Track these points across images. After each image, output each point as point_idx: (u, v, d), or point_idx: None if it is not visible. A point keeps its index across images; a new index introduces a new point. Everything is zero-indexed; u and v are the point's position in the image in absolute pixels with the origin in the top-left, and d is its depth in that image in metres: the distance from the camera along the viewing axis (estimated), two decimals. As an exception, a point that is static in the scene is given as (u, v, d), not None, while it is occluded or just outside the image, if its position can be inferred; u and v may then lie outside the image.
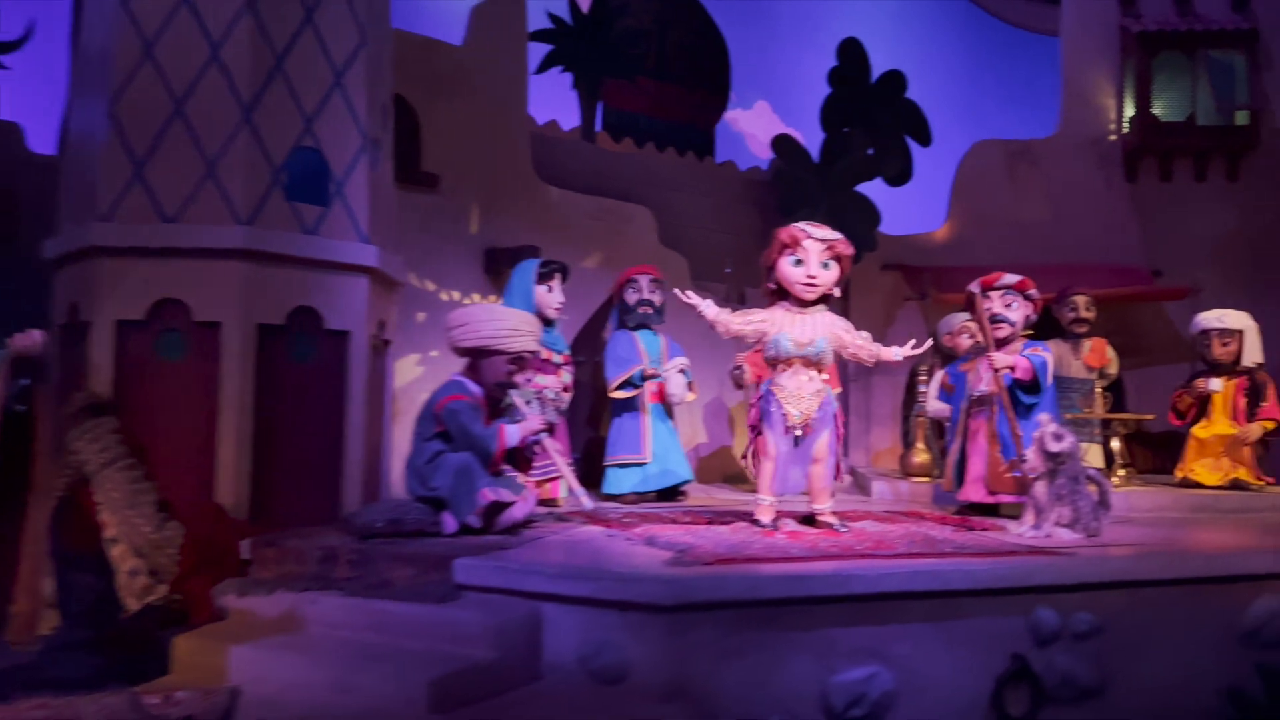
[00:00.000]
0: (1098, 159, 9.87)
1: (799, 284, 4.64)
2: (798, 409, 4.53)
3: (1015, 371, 5.45)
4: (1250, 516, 6.16)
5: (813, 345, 4.63)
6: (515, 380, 4.47)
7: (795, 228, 4.73)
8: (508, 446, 4.40)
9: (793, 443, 4.53)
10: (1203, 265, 9.61)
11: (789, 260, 4.64)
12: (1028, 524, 4.85)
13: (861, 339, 4.79)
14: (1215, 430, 7.07)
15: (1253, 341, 7.16)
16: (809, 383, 4.61)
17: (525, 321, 4.48)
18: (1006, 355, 5.51)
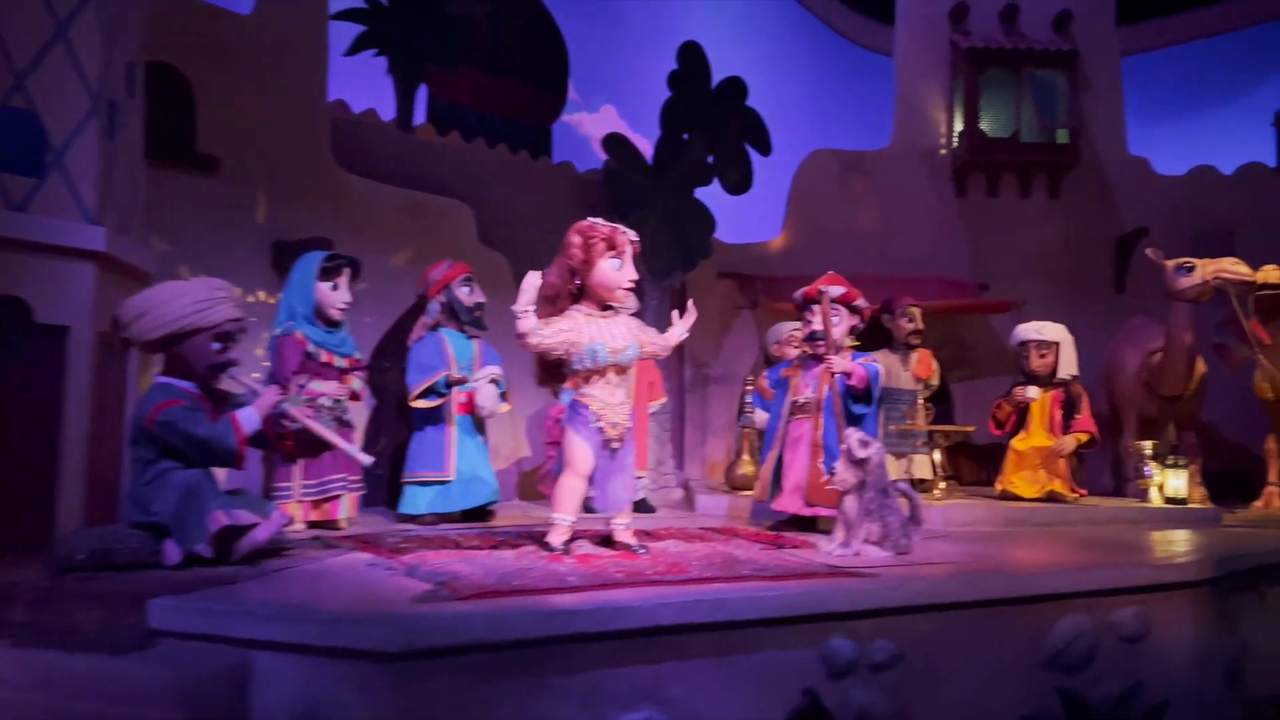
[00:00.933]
0: (929, 172, 9.94)
1: (620, 288, 4.26)
2: (614, 419, 4.14)
3: (851, 378, 5.25)
4: (1063, 530, 6.13)
5: (626, 351, 4.25)
6: (230, 357, 3.83)
7: (614, 227, 4.34)
8: (249, 433, 3.78)
9: (610, 457, 4.12)
10: (1027, 279, 9.80)
11: (609, 261, 4.23)
12: (836, 541, 4.57)
13: (654, 335, 4.44)
14: (1033, 442, 7.08)
15: (1069, 354, 7.21)
16: (619, 392, 4.23)
17: (216, 288, 3.82)
18: (844, 360, 5.30)
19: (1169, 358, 7.65)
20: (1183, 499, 6.94)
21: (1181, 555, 4.77)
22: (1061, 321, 7.33)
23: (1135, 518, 6.54)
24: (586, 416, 4.09)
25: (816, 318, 5.54)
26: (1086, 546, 5.24)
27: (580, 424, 4.09)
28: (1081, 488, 7.04)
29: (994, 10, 9.91)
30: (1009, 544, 5.25)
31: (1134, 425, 8.18)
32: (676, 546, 4.50)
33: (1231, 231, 9.90)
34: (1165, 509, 6.79)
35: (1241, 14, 19.23)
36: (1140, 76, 20.52)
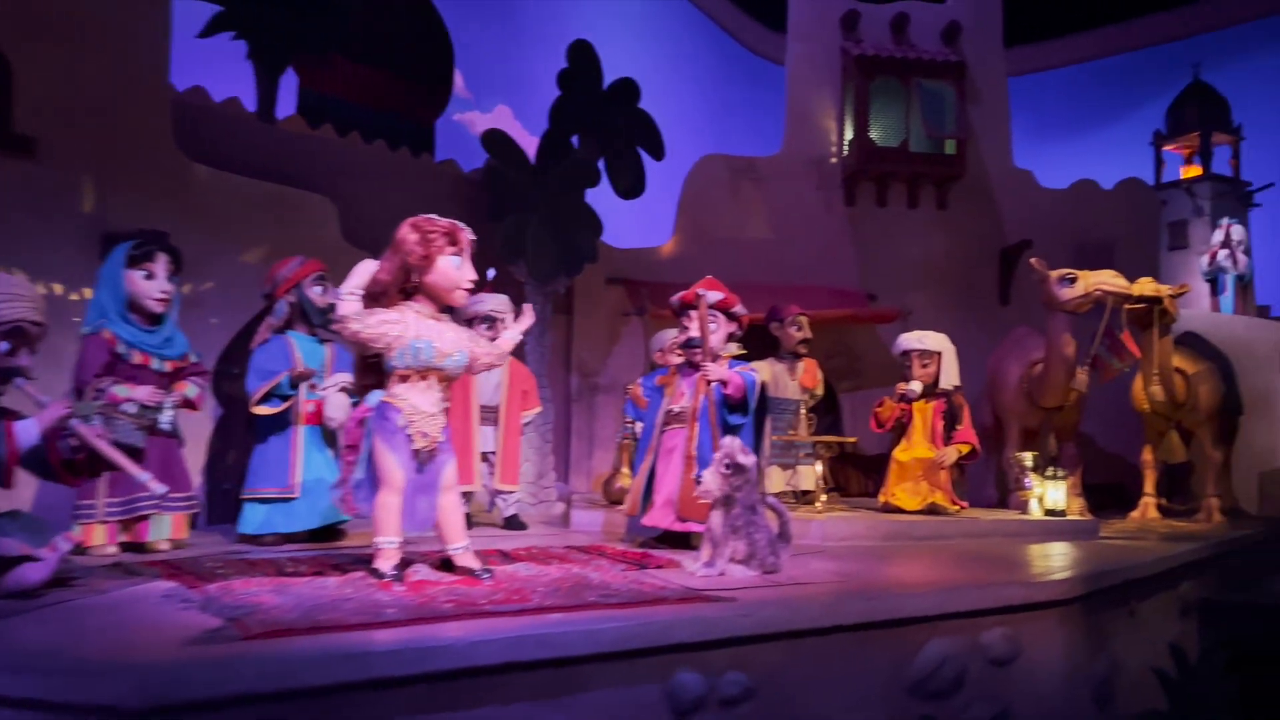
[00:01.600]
0: (819, 180, 9.84)
1: (459, 288, 3.88)
2: (426, 428, 3.73)
3: (728, 387, 4.98)
4: (941, 545, 5.99)
5: (455, 357, 3.86)
6: (18, 364, 3.34)
7: (454, 223, 3.96)
8: (23, 447, 3.27)
9: (418, 469, 3.73)
10: (914, 290, 9.78)
11: (449, 259, 3.85)
12: (701, 561, 4.29)
13: (487, 347, 4.08)
14: (914, 453, 6.96)
15: (950, 364, 7.12)
16: (439, 400, 3.84)
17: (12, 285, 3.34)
18: (721, 368, 5.03)
19: (1049, 368, 7.66)
20: (1061, 511, 6.91)
21: (1052, 572, 4.64)
22: (947, 332, 7.27)
23: (1015, 530, 6.46)
24: (393, 421, 3.70)
25: (694, 323, 5.28)
26: (960, 563, 5.09)
27: (387, 431, 3.69)
28: (963, 500, 6.95)
29: (884, 19, 9.90)
30: (883, 561, 5.06)
31: (1016, 436, 8.18)
32: (528, 570, 4.14)
33: (1111, 245, 10.10)
34: (1044, 521, 6.74)
35: (1124, 39, 19.98)
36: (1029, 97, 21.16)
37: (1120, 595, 4.96)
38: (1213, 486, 8.30)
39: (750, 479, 4.30)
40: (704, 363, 5.13)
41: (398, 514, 3.72)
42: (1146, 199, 10.70)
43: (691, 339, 5.25)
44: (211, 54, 8.40)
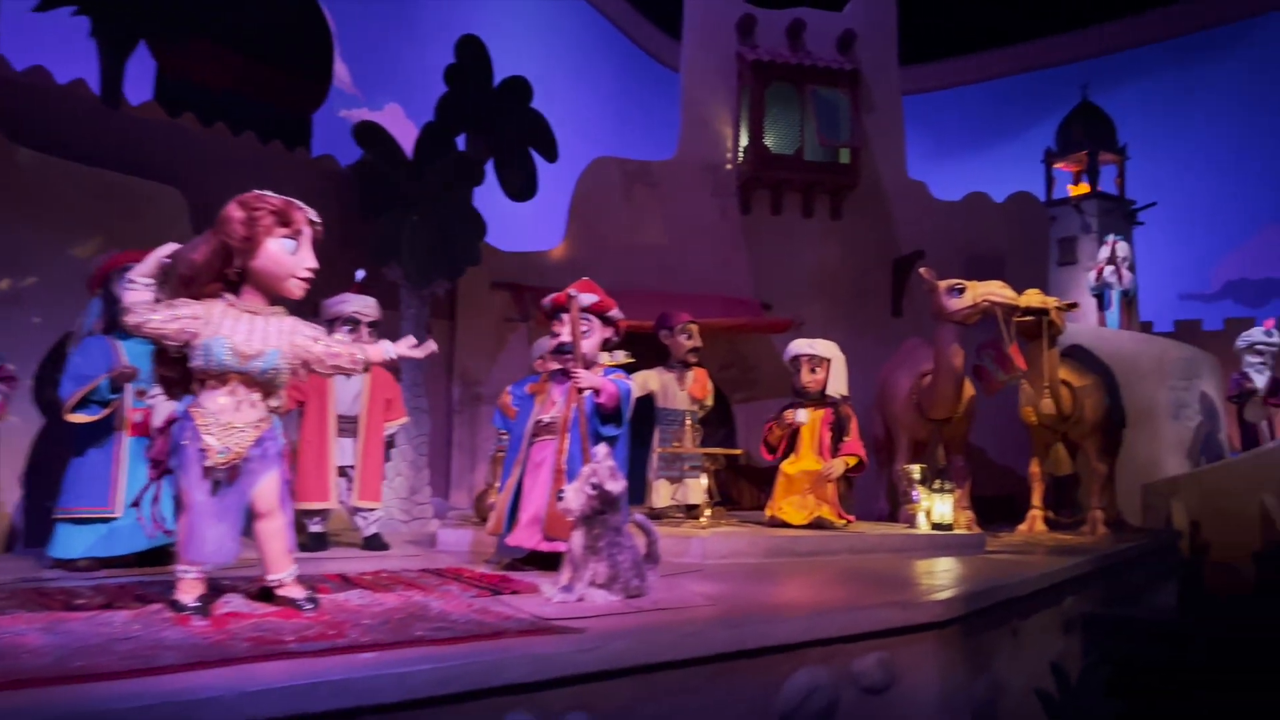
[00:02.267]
0: (714, 187, 9.63)
1: (293, 277, 3.41)
2: (223, 441, 3.26)
3: (600, 396, 4.61)
4: (825, 560, 5.77)
5: (261, 359, 3.38)
6: None
7: (290, 201, 3.48)
8: None
9: (211, 489, 3.24)
10: (808, 299, 9.64)
11: (280, 242, 3.38)
12: (559, 584, 3.93)
13: (335, 344, 3.62)
14: (802, 466, 6.75)
15: (839, 372, 6.94)
16: (248, 409, 3.36)
17: None
18: (593, 376, 4.66)
19: (937, 380, 7.56)
20: (948, 525, 6.78)
21: (933, 591, 4.42)
22: (840, 343, 7.10)
23: (900, 545, 6.28)
24: (186, 433, 3.25)
25: (565, 327, 4.91)
26: (840, 581, 4.85)
27: (179, 443, 3.24)
28: (850, 513, 6.77)
29: (780, 26, 9.77)
30: (760, 580, 4.78)
31: (906, 449, 8.07)
32: (361, 599, 3.71)
33: (1002, 258, 10.15)
34: (931, 535, 6.59)
35: (1018, 61, 20.55)
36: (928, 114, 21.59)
37: (1002, 614, 4.78)
38: (1097, 499, 8.33)
39: (618, 503, 3.97)
40: (575, 370, 4.78)
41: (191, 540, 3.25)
42: (1035, 212, 10.81)
43: (563, 344, 4.89)
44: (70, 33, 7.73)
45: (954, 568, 5.64)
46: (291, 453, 3.67)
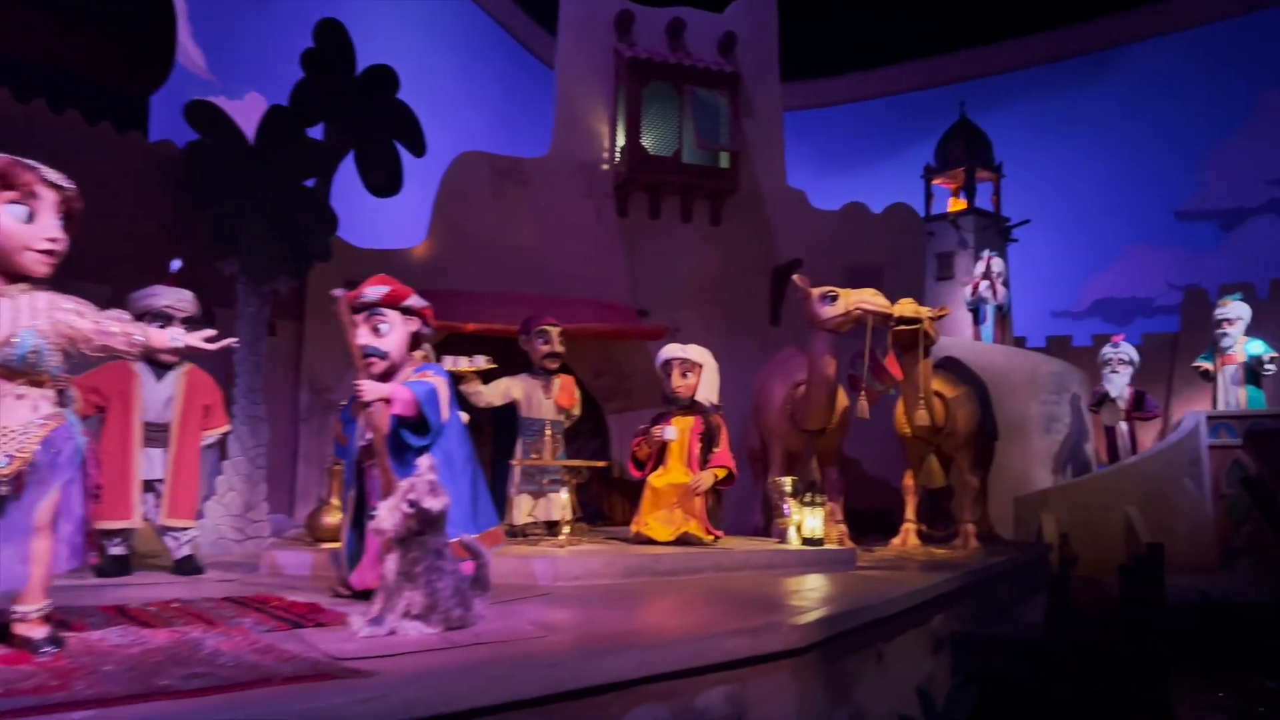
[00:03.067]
0: (589, 187, 9.24)
1: (28, 250, 2.89)
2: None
3: (392, 405, 4.06)
4: (686, 580, 5.41)
5: (13, 343, 2.84)
6: None
7: (20, 161, 2.94)
8: None
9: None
10: (686, 307, 9.34)
11: (7, 209, 2.84)
12: (368, 616, 3.43)
13: (110, 321, 3.07)
14: (670, 479, 6.40)
15: (711, 379, 6.63)
16: (19, 406, 2.81)
17: None
18: (378, 385, 4.10)
19: (810, 390, 7.33)
20: (819, 539, 6.52)
21: (791, 615, 4.09)
22: (718, 352, 6.80)
23: (767, 562, 5.98)
24: None
25: (360, 327, 4.35)
26: (693, 606, 4.49)
27: None
28: (719, 528, 6.44)
29: (660, 24, 9.47)
30: (610, 605, 4.37)
31: (780, 460, 7.81)
32: (121, 637, 3.14)
33: (880, 268, 10.07)
34: (800, 551, 6.32)
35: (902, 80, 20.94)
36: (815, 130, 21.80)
37: (866, 637, 4.51)
38: (969, 512, 8.25)
39: (438, 522, 3.50)
40: (357, 380, 4.12)
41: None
42: (912, 224, 10.80)
43: (365, 348, 4.32)
44: None
45: (821, 586, 5.37)
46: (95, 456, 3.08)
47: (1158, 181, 18.04)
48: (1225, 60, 17.61)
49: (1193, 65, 17.97)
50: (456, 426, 4.32)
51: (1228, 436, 12.04)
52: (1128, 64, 18.86)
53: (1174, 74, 18.17)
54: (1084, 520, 11.17)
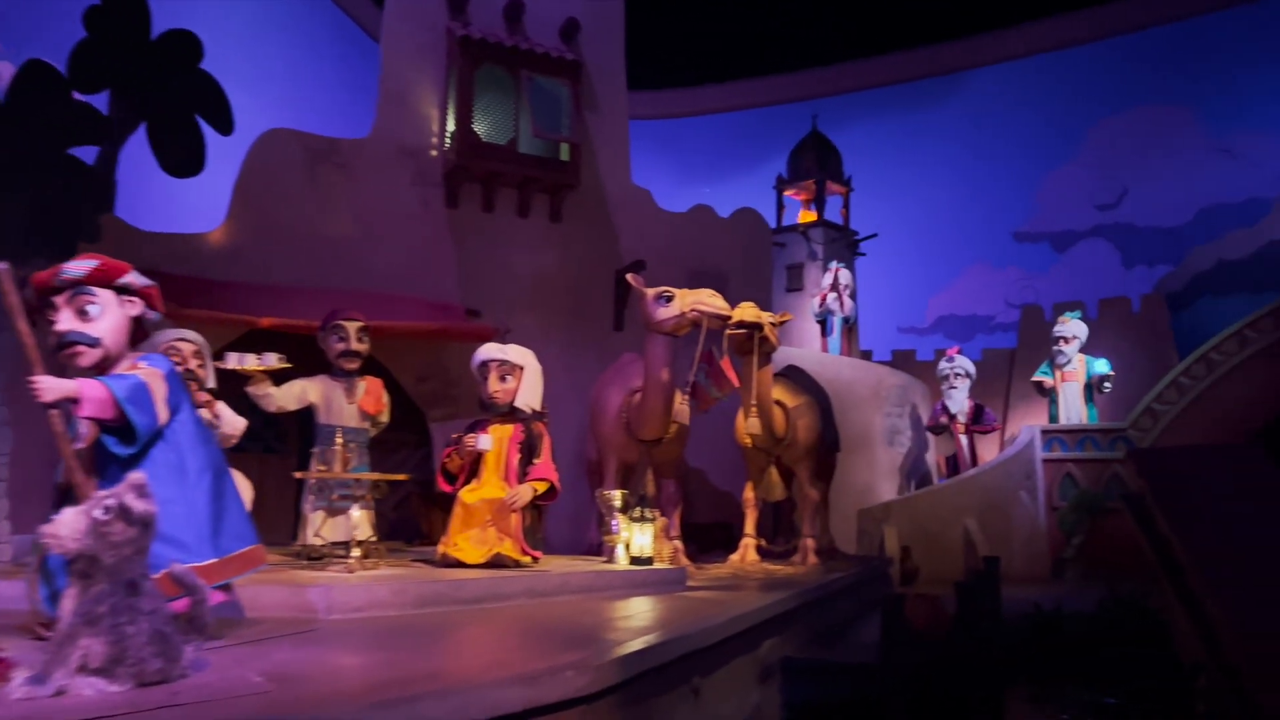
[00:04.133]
0: (415, 174, 8.50)
1: None
2: None
3: (81, 406, 3.23)
4: (491, 609, 4.78)
5: None
6: None
7: None
8: None
9: None
10: (522, 308, 8.72)
11: None
12: (24, 674, 2.65)
13: None
14: (484, 493, 5.75)
15: (533, 383, 6.03)
16: None
17: None
18: (64, 381, 3.26)
19: (646, 396, 6.84)
20: (649, 558, 6.01)
21: (592, 651, 3.53)
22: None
23: (588, 585, 5.41)
24: None
25: (65, 312, 3.52)
26: (482, 643, 3.88)
27: None
28: (538, 548, 5.83)
29: (497, 3, 8.84)
30: (379, 645, 3.70)
31: (615, 472, 7.28)
32: None
33: (726, 274, 9.74)
34: (626, 572, 5.79)
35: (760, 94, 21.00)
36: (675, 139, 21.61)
37: (681, 670, 3.99)
38: (809, 525, 7.94)
39: (136, 540, 2.77)
40: (33, 378, 3.22)
41: None
42: (759, 229, 10.54)
43: (68, 334, 3.48)
44: None
45: (641, 612, 4.84)
46: None
47: (997, 203, 18.63)
48: (1060, 90, 18.38)
49: (1031, 93, 18.68)
50: (189, 429, 3.57)
51: (1060, 450, 12.34)
52: (971, 89, 19.45)
53: (1013, 101, 18.84)
54: (925, 533, 11.16)
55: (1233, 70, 16.40)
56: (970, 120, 19.26)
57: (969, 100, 19.38)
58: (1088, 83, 18.05)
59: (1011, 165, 18.63)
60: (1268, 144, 15.68)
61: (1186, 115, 16.82)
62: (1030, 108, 18.61)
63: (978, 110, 19.21)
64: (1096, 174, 17.85)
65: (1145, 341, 13.85)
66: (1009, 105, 18.90)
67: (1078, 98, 18.13)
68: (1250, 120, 15.99)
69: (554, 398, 8.79)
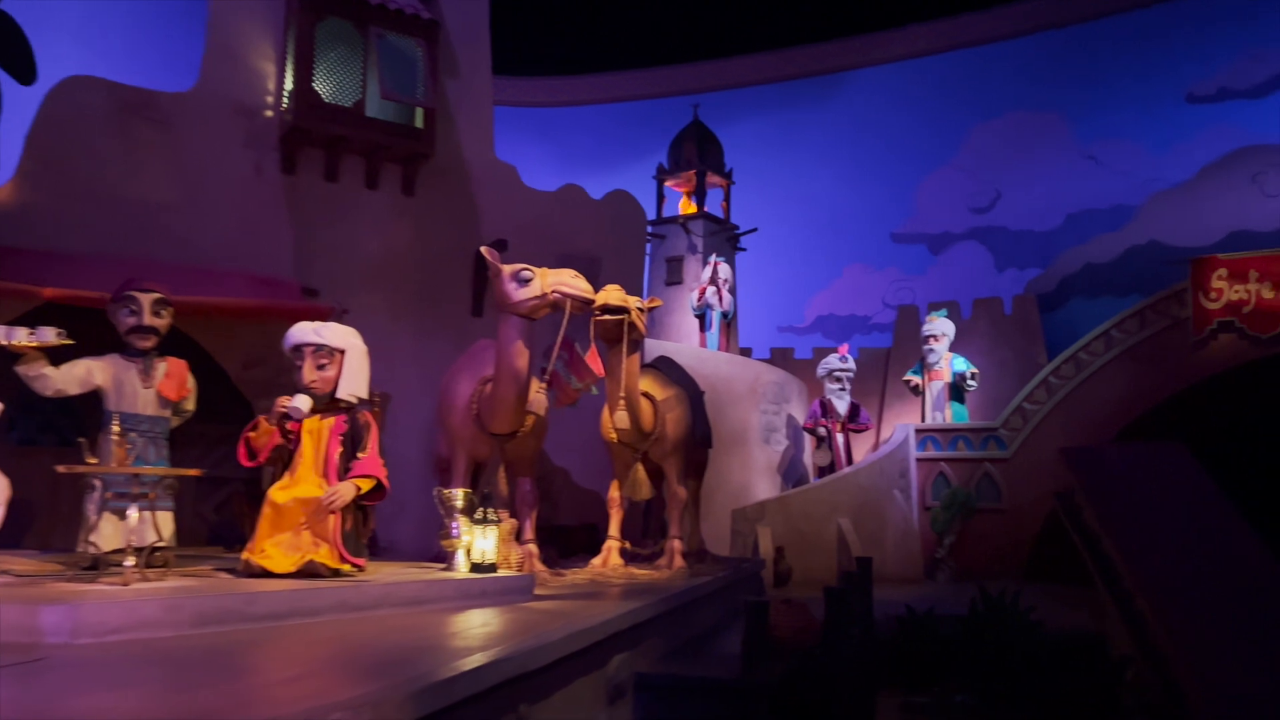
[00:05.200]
0: (248, 136, 7.60)
1: None
2: None
3: None
4: (292, 626, 4.05)
5: None
6: None
7: None
8: None
9: None
10: (369, 289, 7.93)
11: None
12: None
13: None
14: (297, 492, 5.00)
15: (357, 368, 5.30)
16: None
17: None
18: None
19: (498, 385, 6.17)
20: (492, 565, 5.35)
21: (397, 680, 2.88)
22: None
23: (416, 596, 4.72)
24: None
25: None
26: (258, 673, 3.18)
27: None
28: (360, 554, 5.09)
29: (346, -47, 8.01)
30: (121, 681, 2.96)
31: (465, 469, 6.57)
32: None
33: (598, 259, 9.16)
34: (465, 580, 5.12)
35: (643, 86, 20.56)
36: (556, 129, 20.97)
37: (504, 698, 3.37)
38: (676, 526, 7.42)
39: None
40: None
41: None
42: (633, 213, 10.01)
43: None
44: None
45: (470, 628, 4.20)
46: None
47: (877, 204, 18.68)
48: (937, 94, 18.55)
49: (910, 96, 18.79)
50: None
51: (934, 449, 12.29)
52: (853, 90, 19.46)
53: (893, 103, 18.93)
54: (800, 533, 10.86)
55: (1100, 80, 16.83)
56: (851, 121, 19.27)
57: (850, 101, 19.40)
58: (964, 87, 18.28)
59: (891, 167, 18.71)
60: (1132, 152, 16.13)
61: (1057, 122, 17.18)
62: (909, 110, 18.74)
63: (859, 111, 19.23)
64: (972, 177, 18.08)
65: (1017, 342, 13.98)
66: (889, 107, 18.98)
67: (955, 102, 18.33)
68: (1116, 129, 16.43)
69: (404, 389, 8.05)
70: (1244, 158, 14.42)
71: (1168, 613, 4.68)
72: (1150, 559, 5.17)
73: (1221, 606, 4.67)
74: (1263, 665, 4.32)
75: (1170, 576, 4.98)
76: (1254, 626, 4.54)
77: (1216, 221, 13.95)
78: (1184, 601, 4.78)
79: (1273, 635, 4.49)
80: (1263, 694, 4.20)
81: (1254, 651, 4.40)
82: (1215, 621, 4.58)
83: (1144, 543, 5.34)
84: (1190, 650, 4.42)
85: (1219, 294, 10.75)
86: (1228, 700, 4.15)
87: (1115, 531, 5.43)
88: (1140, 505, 5.68)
